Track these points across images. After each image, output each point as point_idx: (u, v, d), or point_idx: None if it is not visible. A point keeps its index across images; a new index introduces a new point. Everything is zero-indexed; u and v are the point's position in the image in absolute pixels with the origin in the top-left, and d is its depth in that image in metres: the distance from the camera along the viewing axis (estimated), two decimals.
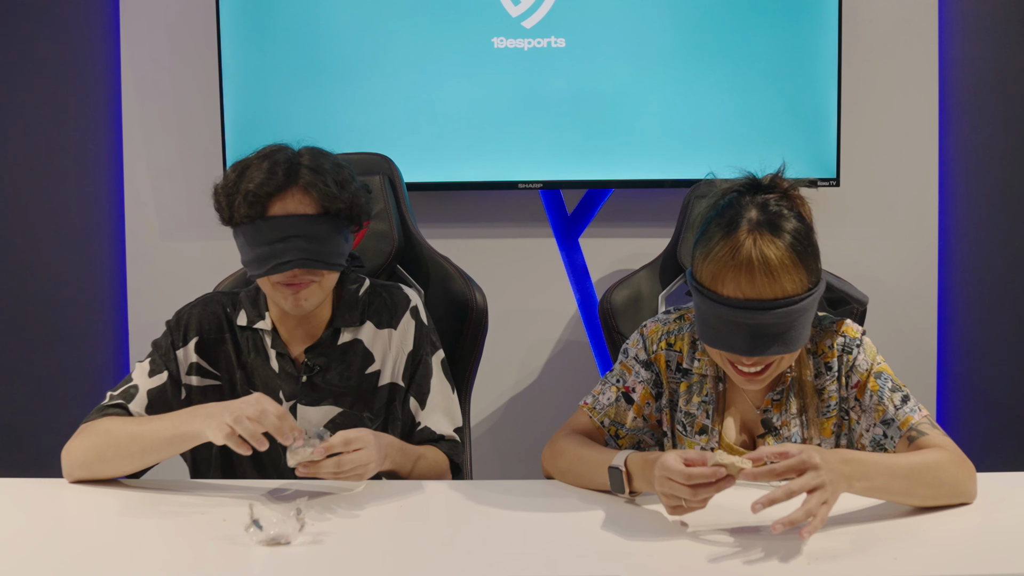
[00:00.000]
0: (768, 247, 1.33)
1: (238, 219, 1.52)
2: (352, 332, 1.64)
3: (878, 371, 1.45)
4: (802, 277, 1.34)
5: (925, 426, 1.40)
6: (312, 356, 1.62)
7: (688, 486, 1.22)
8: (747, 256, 1.32)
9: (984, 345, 2.65)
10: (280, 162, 1.52)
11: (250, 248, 1.52)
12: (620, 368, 1.54)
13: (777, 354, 1.34)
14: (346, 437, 1.39)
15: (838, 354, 1.46)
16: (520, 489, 1.47)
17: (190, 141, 2.63)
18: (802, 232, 1.37)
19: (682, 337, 1.52)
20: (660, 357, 1.52)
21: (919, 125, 2.61)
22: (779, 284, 1.32)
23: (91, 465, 1.47)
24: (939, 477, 1.32)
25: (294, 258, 1.49)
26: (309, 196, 1.52)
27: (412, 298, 1.70)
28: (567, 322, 2.67)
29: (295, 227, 1.50)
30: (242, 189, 1.51)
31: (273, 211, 1.51)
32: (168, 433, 1.43)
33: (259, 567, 1.17)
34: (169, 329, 1.64)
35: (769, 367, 1.38)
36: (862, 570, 1.15)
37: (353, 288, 1.66)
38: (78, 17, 2.62)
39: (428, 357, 1.67)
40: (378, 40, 2.50)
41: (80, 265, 2.67)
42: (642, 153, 2.51)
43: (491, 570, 1.16)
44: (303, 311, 1.55)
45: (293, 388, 1.61)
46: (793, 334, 1.34)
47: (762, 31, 2.48)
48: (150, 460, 1.47)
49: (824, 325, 1.49)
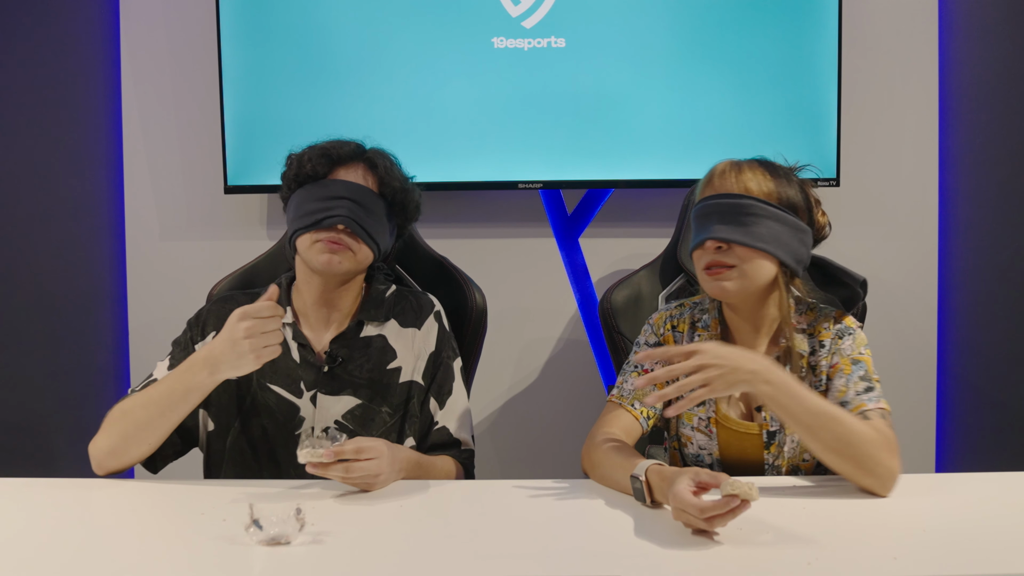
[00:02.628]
0: (744, 161, 1.56)
1: (303, 175, 1.65)
2: (376, 327, 1.70)
3: (856, 359, 1.53)
4: (770, 187, 1.52)
5: (874, 414, 1.45)
6: (336, 347, 1.66)
7: (704, 519, 1.22)
8: (726, 164, 1.56)
9: (984, 345, 2.65)
10: (353, 142, 1.71)
11: (305, 204, 1.63)
12: (634, 357, 1.63)
13: (737, 241, 1.48)
14: (359, 445, 1.40)
15: (832, 336, 1.55)
16: (520, 489, 1.47)
17: (190, 141, 2.63)
18: (787, 171, 1.55)
19: (683, 320, 1.66)
20: (669, 338, 1.66)
21: (919, 125, 2.61)
22: (743, 183, 1.52)
23: (117, 449, 1.50)
24: (848, 438, 1.38)
25: (344, 215, 1.61)
26: (372, 175, 1.67)
27: (436, 304, 1.78)
28: (567, 322, 2.67)
29: (352, 192, 1.63)
30: (317, 149, 1.67)
31: (338, 175, 1.66)
32: (181, 387, 1.47)
33: (259, 567, 1.17)
34: (189, 326, 1.70)
35: (733, 268, 1.50)
36: (862, 570, 1.15)
37: (381, 288, 1.75)
38: (78, 17, 2.62)
39: (450, 361, 1.73)
40: (378, 40, 2.50)
41: (80, 265, 2.67)
42: (642, 153, 2.52)
43: (492, 570, 1.16)
44: (333, 271, 1.62)
45: (314, 378, 1.65)
46: (754, 230, 1.49)
47: (762, 31, 2.48)
48: (170, 421, 1.50)
49: (825, 312, 1.59)
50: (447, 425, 1.68)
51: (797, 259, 1.54)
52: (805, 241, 1.55)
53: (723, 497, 1.20)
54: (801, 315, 1.59)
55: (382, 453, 1.43)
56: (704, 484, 1.25)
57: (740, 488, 1.18)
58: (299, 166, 1.66)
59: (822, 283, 1.62)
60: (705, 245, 1.53)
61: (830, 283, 1.61)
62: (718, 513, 1.20)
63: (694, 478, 1.25)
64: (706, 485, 1.25)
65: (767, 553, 1.19)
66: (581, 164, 2.53)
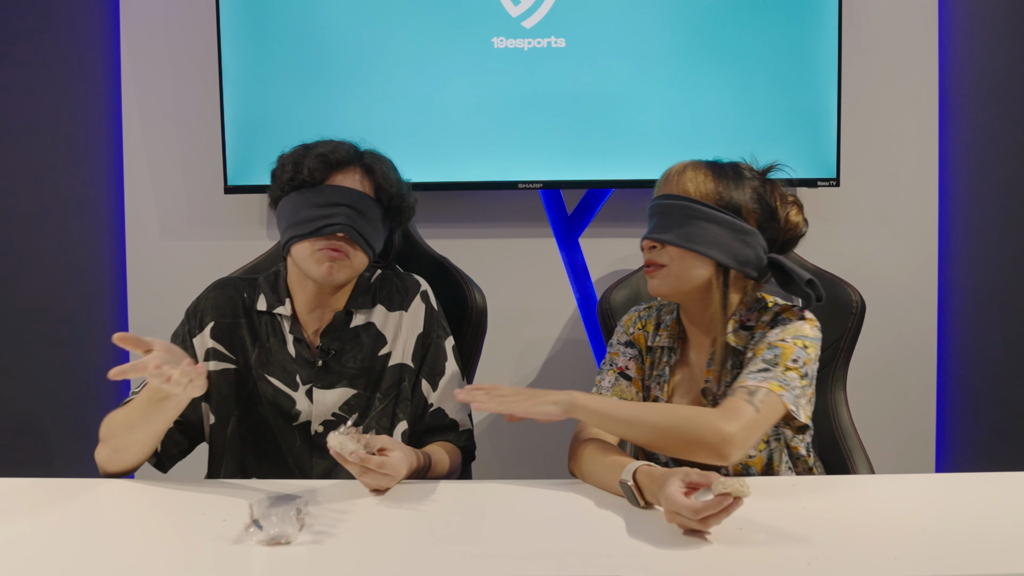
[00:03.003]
0: (692, 162, 1.59)
1: (299, 180, 1.61)
2: (364, 315, 1.70)
3: (775, 344, 1.51)
4: (709, 189, 1.54)
5: (741, 391, 1.44)
6: (326, 340, 1.66)
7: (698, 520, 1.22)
8: (676, 165, 1.61)
9: (984, 345, 2.64)
10: (348, 144, 1.67)
11: (302, 210, 1.60)
12: (610, 356, 1.71)
13: (671, 242, 1.53)
14: (383, 462, 1.41)
15: (765, 327, 1.56)
16: (520, 489, 1.47)
17: (190, 141, 2.63)
18: (740, 173, 1.56)
19: (651, 320, 1.71)
20: (639, 336, 1.70)
21: (919, 125, 2.61)
22: (681, 184, 1.56)
23: (113, 457, 1.52)
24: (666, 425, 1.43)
25: (343, 222, 1.59)
26: (368, 179, 1.65)
27: (422, 283, 1.76)
28: (567, 322, 2.67)
29: (350, 198, 1.60)
30: (313, 152, 1.62)
31: (334, 180, 1.62)
32: (145, 395, 1.46)
33: (259, 567, 1.17)
34: (187, 317, 1.69)
35: (663, 267, 1.55)
36: (862, 570, 1.15)
37: (366, 275, 1.73)
38: (78, 17, 2.62)
39: (441, 341, 1.73)
40: (378, 40, 2.50)
41: (80, 265, 2.67)
42: (642, 153, 2.51)
43: (492, 570, 1.16)
44: (333, 281, 1.61)
45: (309, 372, 1.65)
46: (688, 231, 1.53)
47: (762, 31, 2.48)
48: (151, 430, 1.49)
49: (769, 307, 1.59)
50: (443, 407, 1.69)
51: (740, 260, 1.54)
52: (750, 243, 1.54)
53: (716, 497, 1.20)
54: (752, 313, 1.59)
55: (400, 473, 1.44)
56: (694, 484, 1.25)
57: (732, 486, 1.19)
58: (295, 170, 1.63)
59: (785, 283, 1.60)
60: (642, 244, 1.59)
61: (789, 282, 1.59)
62: (712, 513, 1.20)
63: (684, 479, 1.26)
64: (696, 484, 1.25)
65: (767, 553, 1.19)
66: (581, 164, 2.53)
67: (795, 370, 1.48)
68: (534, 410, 1.45)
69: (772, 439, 1.58)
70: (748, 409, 1.41)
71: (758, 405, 1.42)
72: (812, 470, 1.63)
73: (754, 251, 1.55)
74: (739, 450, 1.40)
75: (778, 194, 1.59)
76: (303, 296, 1.67)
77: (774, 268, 1.58)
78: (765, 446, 1.58)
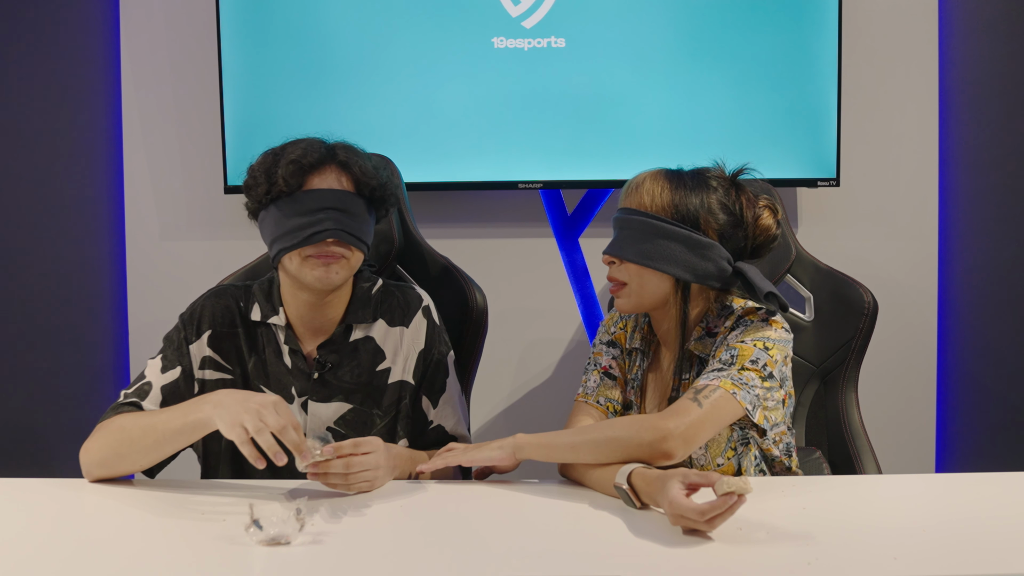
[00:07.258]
0: (652, 172, 1.56)
1: (276, 192, 1.56)
2: (364, 329, 1.65)
3: (734, 345, 1.49)
4: (666, 201, 1.51)
5: (689, 392, 1.44)
6: (324, 353, 1.63)
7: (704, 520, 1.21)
8: (637, 176, 1.57)
9: (984, 345, 2.65)
10: (316, 142, 1.61)
11: (286, 220, 1.55)
12: (593, 356, 1.69)
13: (627, 259, 1.52)
14: (356, 440, 1.40)
15: (727, 331, 1.53)
16: (520, 489, 1.47)
17: (190, 141, 2.63)
18: (698, 180, 1.53)
19: (630, 320, 1.69)
20: (620, 336, 1.69)
21: (919, 125, 2.61)
22: (638, 197, 1.53)
23: (108, 462, 1.48)
24: (608, 441, 1.42)
25: (332, 228, 1.54)
26: (346, 174, 1.59)
27: (424, 298, 1.72)
28: (567, 322, 2.67)
29: (333, 200, 1.55)
30: (284, 160, 1.56)
31: (312, 184, 1.56)
32: (179, 423, 1.43)
33: (259, 567, 1.17)
34: (182, 323, 1.64)
35: (626, 286, 1.54)
36: (862, 570, 1.15)
37: (366, 286, 1.68)
38: (78, 17, 2.62)
39: (442, 357, 1.69)
40: (378, 40, 2.50)
41: (80, 265, 2.67)
42: (642, 153, 2.51)
43: (491, 570, 1.16)
44: (331, 285, 1.57)
45: (304, 385, 1.62)
46: (647, 248, 1.51)
47: (762, 31, 2.48)
48: (164, 451, 1.47)
49: (734, 311, 1.56)
50: (443, 424, 1.67)
51: (699, 274, 1.51)
52: (709, 255, 1.51)
53: (720, 497, 1.20)
54: (719, 319, 1.57)
55: (379, 447, 1.43)
56: (694, 484, 1.25)
57: (735, 485, 1.19)
58: (269, 181, 1.56)
59: (751, 292, 1.55)
60: (603, 259, 1.57)
61: (754, 292, 1.55)
62: (718, 513, 1.20)
63: (683, 480, 1.25)
64: (696, 485, 1.25)
65: (767, 553, 1.19)
66: (581, 164, 2.52)
67: (754, 371, 1.45)
68: (480, 456, 1.49)
69: (739, 444, 1.53)
70: (692, 406, 1.40)
71: (703, 402, 1.41)
72: (791, 470, 1.58)
73: (714, 263, 1.52)
74: (682, 445, 1.38)
75: (745, 199, 1.55)
76: (296, 307, 1.63)
77: (740, 276, 1.54)
78: (733, 453, 1.53)
